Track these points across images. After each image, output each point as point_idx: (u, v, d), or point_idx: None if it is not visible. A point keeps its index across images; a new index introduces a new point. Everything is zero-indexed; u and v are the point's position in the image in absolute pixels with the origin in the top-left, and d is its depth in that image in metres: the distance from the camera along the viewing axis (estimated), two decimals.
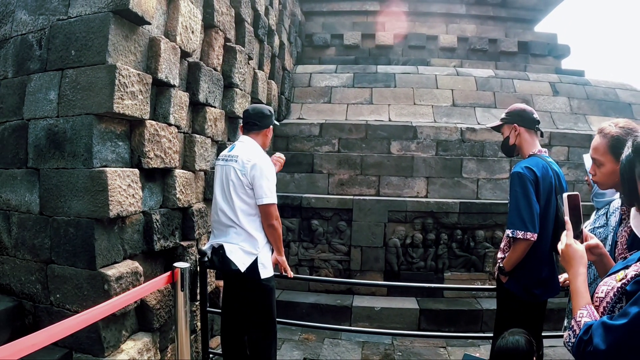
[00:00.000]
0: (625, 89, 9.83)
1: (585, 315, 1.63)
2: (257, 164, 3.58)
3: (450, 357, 5.36)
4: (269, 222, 3.65)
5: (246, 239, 3.62)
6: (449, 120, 8.71)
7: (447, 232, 6.88)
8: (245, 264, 3.56)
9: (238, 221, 3.62)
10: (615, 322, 1.43)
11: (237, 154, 3.68)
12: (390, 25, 11.47)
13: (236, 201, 3.61)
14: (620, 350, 1.42)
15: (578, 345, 1.56)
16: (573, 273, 1.78)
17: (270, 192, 3.59)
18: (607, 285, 1.64)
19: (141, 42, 3.65)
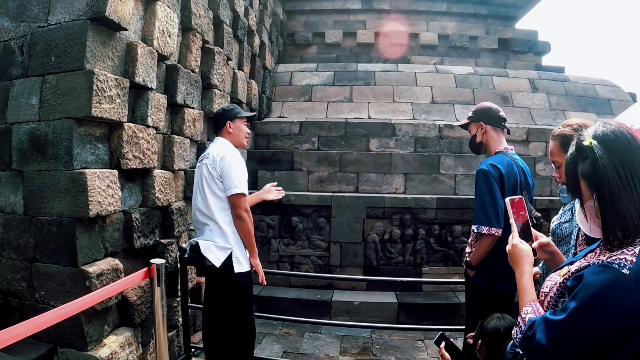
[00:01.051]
0: (605, 84, 9.98)
1: (529, 312, 1.69)
2: (225, 156, 3.66)
3: (427, 350, 5.49)
4: (237, 212, 3.67)
5: (220, 235, 3.67)
6: (427, 118, 8.84)
7: (425, 228, 7.02)
8: (220, 259, 3.63)
9: (212, 216, 3.68)
10: (556, 317, 1.48)
11: (209, 151, 3.79)
12: (372, 23, 11.60)
13: (209, 196, 3.68)
14: (561, 344, 1.46)
15: (524, 341, 1.61)
16: (519, 272, 1.86)
17: (239, 183, 3.64)
18: (551, 280, 1.69)
19: (118, 47, 3.77)
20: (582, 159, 1.56)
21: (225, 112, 3.96)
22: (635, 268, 1.38)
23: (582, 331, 1.42)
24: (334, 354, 5.35)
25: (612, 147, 1.50)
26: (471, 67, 10.28)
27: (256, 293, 6.44)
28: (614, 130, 1.53)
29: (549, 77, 10.05)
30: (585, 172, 1.54)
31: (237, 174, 3.65)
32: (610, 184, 1.46)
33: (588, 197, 1.55)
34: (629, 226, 1.45)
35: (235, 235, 3.72)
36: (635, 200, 1.44)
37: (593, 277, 1.44)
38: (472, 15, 11.91)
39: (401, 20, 11.50)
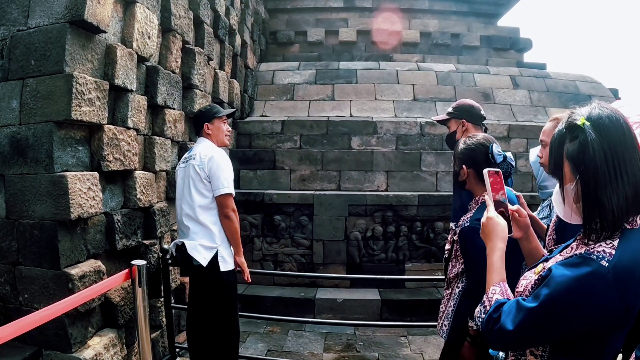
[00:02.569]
0: (586, 81, 10.11)
1: (497, 292, 1.62)
2: (213, 156, 3.68)
3: (410, 346, 5.55)
4: (224, 212, 3.71)
5: (205, 235, 3.69)
6: (409, 115, 8.91)
7: (406, 225, 7.09)
8: (206, 259, 3.64)
9: (197, 216, 3.70)
10: (527, 303, 1.43)
11: (195, 152, 3.79)
12: (354, 21, 11.66)
13: (195, 196, 3.70)
14: (527, 332, 1.43)
15: (487, 322, 1.55)
16: (491, 247, 1.75)
17: (227, 183, 3.67)
18: (526, 279, 1.62)
19: (98, 50, 3.77)
20: (570, 139, 1.48)
21: (202, 114, 3.99)
22: (614, 260, 1.35)
23: (552, 323, 1.39)
24: (318, 351, 5.39)
25: (605, 133, 1.42)
26: (453, 65, 10.34)
27: (240, 292, 6.47)
28: (610, 115, 1.45)
29: (530, 73, 10.14)
30: (572, 152, 1.47)
31: (225, 174, 3.69)
32: (597, 170, 1.39)
33: (570, 179, 1.49)
34: (607, 218, 1.40)
35: (221, 234, 3.74)
36: (620, 193, 1.38)
37: (570, 267, 1.40)
38: (454, 12, 12.01)
39: (383, 18, 11.54)
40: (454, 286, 2.71)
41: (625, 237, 1.41)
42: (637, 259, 1.38)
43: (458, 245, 2.65)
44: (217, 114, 3.99)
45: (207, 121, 3.95)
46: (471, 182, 2.64)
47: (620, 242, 1.39)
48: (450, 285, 2.75)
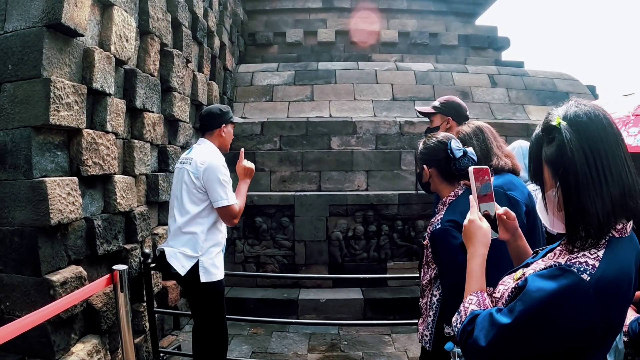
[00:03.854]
0: (563, 78, 10.22)
1: (473, 302, 1.53)
2: (209, 166, 3.53)
3: (394, 344, 5.58)
4: (229, 222, 3.67)
5: (188, 242, 3.58)
6: (388, 114, 8.94)
7: (387, 223, 7.13)
8: (185, 267, 3.55)
9: (185, 224, 3.59)
10: (501, 319, 1.33)
11: (192, 156, 3.65)
12: (332, 22, 11.67)
13: (186, 203, 3.59)
14: (500, 350, 1.34)
15: (461, 334, 1.47)
16: (471, 252, 1.64)
17: (225, 194, 3.54)
18: (504, 284, 1.55)
19: (75, 53, 3.74)
20: (547, 141, 1.40)
21: (223, 114, 3.83)
22: (597, 274, 1.24)
23: (527, 341, 1.29)
24: (302, 352, 5.39)
25: (583, 131, 1.32)
26: (431, 64, 10.40)
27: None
28: (588, 111, 1.35)
29: (508, 72, 10.24)
30: (550, 156, 1.38)
31: (223, 185, 3.55)
32: (578, 173, 1.29)
33: (551, 185, 1.39)
34: (593, 224, 1.29)
35: (206, 244, 3.62)
36: (604, 195, 1.27)
37: (546, 280, 1.29)
38: (433, 12, 12.08)
39: (362, 18, 11.57)
40: (428, 294, 2.60)
41: (612, 247, 1.31)
42: (624, 273, 1.28)
43: (429, 251, 2.56)
44: (232, 119, 3.92)
45: (225, 122, 3.84)
46: (435, 183, 2.60)
47: (605, 253, 1.29)
48: (424, 293, 2.65)
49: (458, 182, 2.56)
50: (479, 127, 2.77)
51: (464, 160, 2.47)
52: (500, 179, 2.66)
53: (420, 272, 2.77)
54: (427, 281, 2.61)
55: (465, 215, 1.77)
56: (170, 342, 5.34)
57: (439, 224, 2.44)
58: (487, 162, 2.65)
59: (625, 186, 1.29)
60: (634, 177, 1.31)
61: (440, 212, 2.56)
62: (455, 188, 2.56)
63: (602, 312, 1.23)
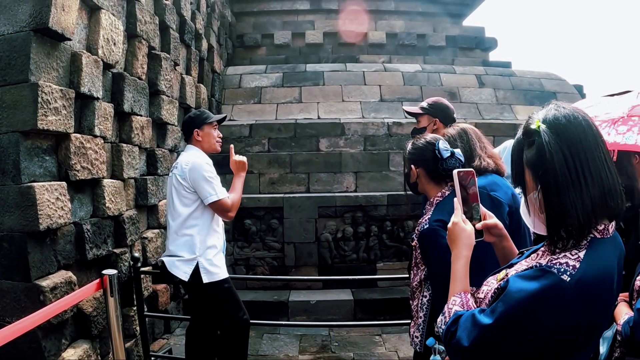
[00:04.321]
0: (550, 78, 10.28)
1: (457, 303, 1.54)
2: (193, 166, 3.59)
3: (385, 344, 5.61)
4: (224, 217, 3.73)
5: (184, 245, 3.63)
6: (376, 116, 8.96)
7: (376, 224, 7.16)
8: (187, 273, 3.59)
9: (179, 227, 3.65)
10: (483, 320, 1.36)
11: (179, 161, 3.74)
12: (320, 23, 11.68)
13: (177, 206, 3.65)
14: (483, 351, 1.36)
15: (445, 335, 1.49)
16: (455, 254, 1.66)
17: (212, 189, 3.58)
18: (488, 285, 1.56)
19: (63, 57, 3.73)
20: (528, 145, 1.41)
21: (192, 120, 3.88)
22: (577, 275, 1.26)
23: (509, 341, 1.32)
24: (293, 353, 5.41)
25: (562, 134, 1.33)
26: (419, 65, 10.43)
27: None
28: (567, 114, 1.37)
29: (495, 72, 10.29)
30: (530, 159, 1.40)
31: (209, 182, 3.60)
32: (557, 174, 1.31)
33: (532, 188, 1.41)
34: (573, 225, 1.31)
35: (203, 245, 3.65)
36: (584, 196, 1.29)
37: (527, 281, 1.31)
38: (420, 13, 12.11)
39: (350, 19, 11.59)
40: (419, 296, 2.61)
41: (594, 247, 1.33)
42: (605, 274, 1.30)
43: (418, 252, 2.58)
44: (206, 120, 3.90)
45: (196, 127, 3.85)
46: (422, 183, 2.61)
47: (586, 254, 1.31)
48: (415, 295, 2.66)
49: (445, 182, 2.58)
50: (464, 129, 2.81)
51: (450, 160, 2.49)
52: (483, 180, 2.67)
53: (409, 273, 2.78)
54: (417, 283, 2.62)
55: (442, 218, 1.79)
56: (161, 345, 5.33)
57: (427, 224, 2.45)
58: (470, 163, 2.67)
59: (605, 186, 1.30)
60: (614, 177, 1.33)
61: (427, 212, 2.57)
62: (443, 189, 2.57)
63: (583, 313, 1.25)
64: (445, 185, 2.60)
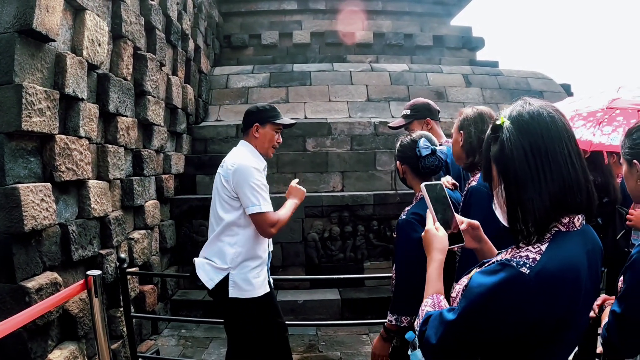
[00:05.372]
0: (537, 77, 10.40)
1: (429, 304, 1.55)
2: (238, 169, 3.19)
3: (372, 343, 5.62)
4: (263, 232, 3.25)
5: (218, 253, 3.30)
6: (363, 115, 9.02)
7: (363, 224, 7.17)
8: (213, 280, 3.27)
9: (219, 232, 3.31)
10: (448, 316, 1.37)
11: (226, 159, 3.38)
12: (308, 23, 11.73)
13: (219, 210, 3.31)
14: (448, 346, 1.37)
15: (419, 336, 1.50)
16: (429, 259, 1.67)
17: (257, 200, 3.15)
18: (460, 284, 1.54)
19: (48, 59, 3.73)
20: (493, 140, 1.43)
21: (257, 112, 3.45)
22: (537, 267, 1.25)
23: (472, 336, 1.33)
24: None
25: (524, 130, 1.34)
26: (406, 64, 10.50)
27: (201, 298, 6.46)
28: (532, 110, 1.37)
29: (482, 71, 10.38)
30: (494, 154, 1.41)
31: (254, 190, 3.17)
32: (517, 170, 1.33)
33: (497, 183, 1.43)
34: (531, 220, 1.32)
35: (240, 257, 3.27)
36: (543, 192, 1.29)
37: (487, 276, 1.31)
38: (407, 13, 12.20)
39: (337, 19, 11.66)
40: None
41: (557, 240, 1.32)
42: (569, 266, 1.28)
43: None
44: (273, 119, 3.46)
45: (258, 122, 3.42)
46: (408, 179, 2.73)
47: (549, 247, 1.31)
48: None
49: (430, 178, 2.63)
50: (481, 115, 2.67)
51: (430, 159, 2.58)
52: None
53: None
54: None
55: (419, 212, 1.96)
56: (149, 347, 5.32)
57: (405, 214, 2.57)
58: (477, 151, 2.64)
59: (566, 183, 1.30)
60: (579, 173, 1.32)
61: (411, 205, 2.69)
62: None
63: (546, 306, 1.24)
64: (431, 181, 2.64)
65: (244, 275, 3.25)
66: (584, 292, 1.31)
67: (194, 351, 5.44)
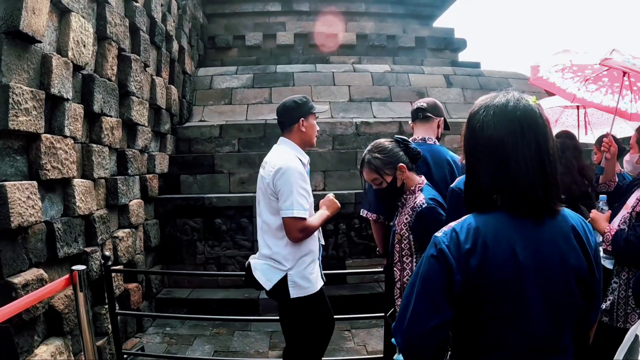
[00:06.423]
0: (518, 78, 10.52)
1: None
2: (281, 169, 3.09)
3: (354, 339, 5.76)
4: (290, 237, 3.12)
5: (275, 254, 3.19)
6: (345, 115, 9.12)
7: (345, 222, 7.26)
8: (271, 281, 3.18)
9: (269, 234, 3.23)
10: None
11: (268, 159, 3.29)
12: (291, 25, 11.82)
13: (264, 213, 3.24)
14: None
15: None
16: None
17: (291, 203, 3.04)
18: None
19: (34, 59, 3.79)
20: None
21: (299, 107, 3.34)
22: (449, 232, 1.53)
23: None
24: (264, 349, 5.50)
25: (470, 119, 1.58)
26: (388, 65, 10.65)
27: (185, 296, 6.53)
28: (486, 104, 1.57)
29: (464, 72, 10.55)
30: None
31: (291, 192, 3.06)
32: (468, 158, 1.59)
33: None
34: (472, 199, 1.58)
35: (293, 257, 3.19)
36: (482, 179, 1.53)
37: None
38: (390, 15, 12.36)
39: (320, 21, 11.76)
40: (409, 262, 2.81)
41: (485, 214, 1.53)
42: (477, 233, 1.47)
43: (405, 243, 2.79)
44: (312, 109, 3.42)
45: (303, 116, 3.35)
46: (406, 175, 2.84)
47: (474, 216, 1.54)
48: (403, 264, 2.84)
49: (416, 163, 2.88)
50: None
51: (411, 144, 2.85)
52: None
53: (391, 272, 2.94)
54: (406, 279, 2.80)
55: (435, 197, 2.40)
56: (133, 344, 5.37)
57: (424, 204, 2.67)
58: None
59: (499, 175, 1.48)
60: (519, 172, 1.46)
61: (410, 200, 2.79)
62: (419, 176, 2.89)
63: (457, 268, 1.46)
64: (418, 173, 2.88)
65: (302, 273, 3.20)
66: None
67: (179, 348, 5.49)
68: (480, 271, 1.43)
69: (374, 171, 2.81)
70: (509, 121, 1.48)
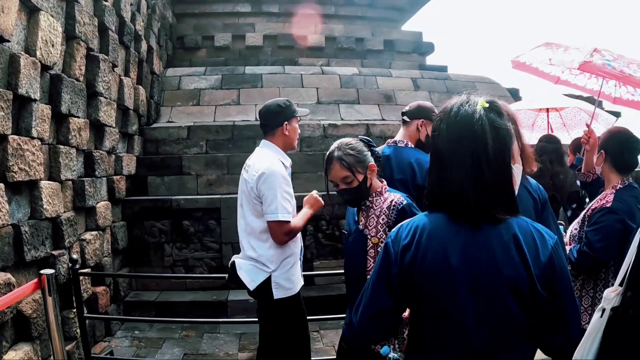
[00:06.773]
0: (484, 82, 10.76)
1: None
2: (264, 173, 3.12)
3: (322, 340, 5.81)
4: (276, 240, 3.17)
5: (260, 256, 3.22)
6: (313, 118, 9.10)
7: (312, 224, 7.27)
8: (255, 282, 3.21)
9: (251, 236, 3.27)
10: None
11: (251, 162, 3.31)
12: (261, 26, 11.79)
13: (248, 215, 3.26)
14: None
15: None
16: None
17: (276, 208, 3.08)
18: None
19: (1, 59, 3.72)
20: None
21: (283, 110, 3.38)
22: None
23: None
24: (233, 351, 5.50)
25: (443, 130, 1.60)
26: (356, 68, 10.73)
27: (153, 299, 6.47)
28: (439, 112, 1.66)
29: (431, 75, 10.69)
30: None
31: (278, 197, 3.10)
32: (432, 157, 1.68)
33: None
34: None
35: (278, 259, 3.23)
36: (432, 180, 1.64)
37: None
38: (360, 17, 12.44)
39: (290, 23, 11.75)
40: None
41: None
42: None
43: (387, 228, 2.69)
44: (295, 113, 3.48)
45: (287, 120, 3.39)
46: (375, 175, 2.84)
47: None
48: None
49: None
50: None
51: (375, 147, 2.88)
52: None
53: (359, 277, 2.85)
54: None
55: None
56: (102, 348, 5.31)
57: (403, 201, 2.66)
58: None
59: (441, 179, 1.58)
60: (462, 173, 1.51)
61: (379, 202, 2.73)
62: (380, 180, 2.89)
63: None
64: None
65: (285, 275, 3.24)
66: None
67: (148, 351, 5.45)
68: (412, 266, 1.54)
69: (346, 168, 2.68)
70: (450, 127, 1.56)
